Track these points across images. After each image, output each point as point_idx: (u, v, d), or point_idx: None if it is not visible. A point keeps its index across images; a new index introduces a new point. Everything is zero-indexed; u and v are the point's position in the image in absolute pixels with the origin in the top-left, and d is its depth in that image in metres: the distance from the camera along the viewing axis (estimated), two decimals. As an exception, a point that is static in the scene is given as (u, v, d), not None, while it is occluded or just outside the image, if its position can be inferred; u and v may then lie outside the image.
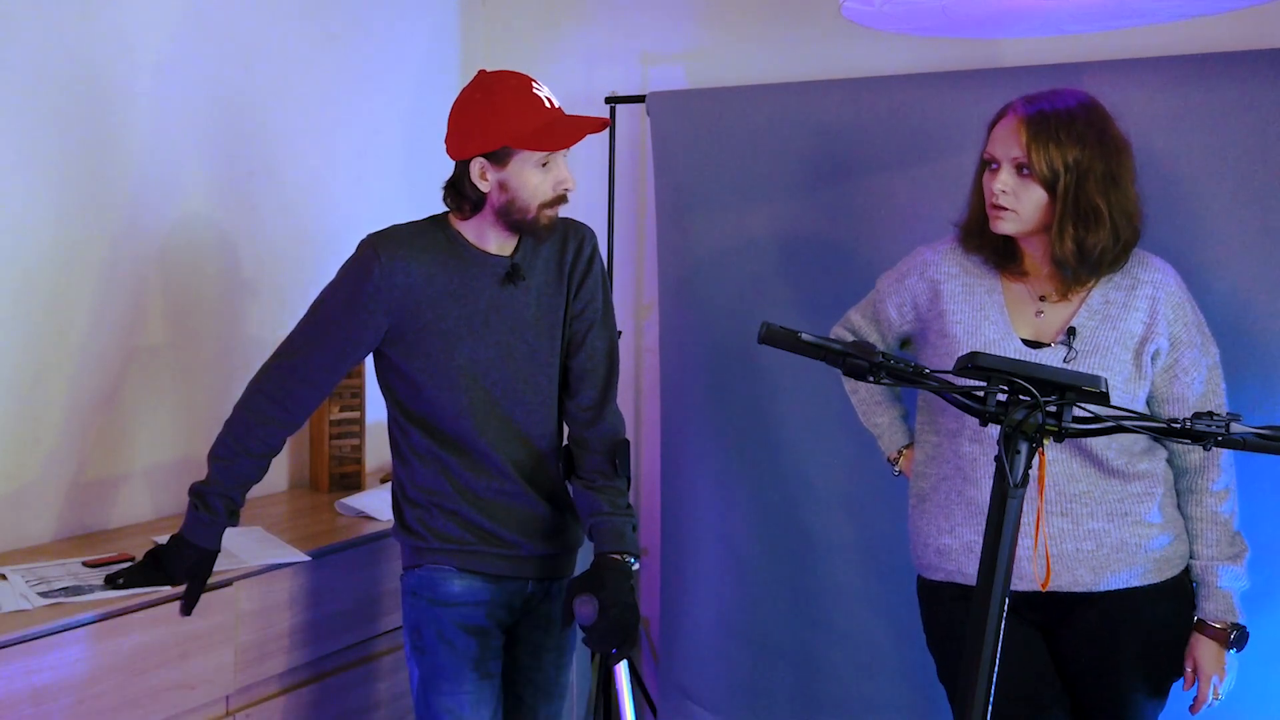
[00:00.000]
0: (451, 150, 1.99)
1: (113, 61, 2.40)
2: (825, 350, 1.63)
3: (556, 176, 1.95)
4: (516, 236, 2.02)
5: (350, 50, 3.00)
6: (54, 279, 2.32)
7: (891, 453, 2.26)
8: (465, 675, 2.00)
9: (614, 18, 3.18)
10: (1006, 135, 1.94)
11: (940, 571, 2.04)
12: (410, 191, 3.23)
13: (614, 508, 2.04)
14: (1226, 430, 1.51)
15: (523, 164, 1.92)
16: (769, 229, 2.84)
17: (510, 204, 1.94)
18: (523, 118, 1.91)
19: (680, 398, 3.00)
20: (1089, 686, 1.98)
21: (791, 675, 2.86)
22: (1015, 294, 2.02)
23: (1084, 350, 1.93)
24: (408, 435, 2.04)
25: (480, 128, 1.92)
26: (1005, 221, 1.95)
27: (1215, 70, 2.35)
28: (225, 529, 2.03)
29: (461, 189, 1.98)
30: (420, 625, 2.03)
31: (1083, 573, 1.93)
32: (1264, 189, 2.31)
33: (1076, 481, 1.93)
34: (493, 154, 1.92)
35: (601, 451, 2.08)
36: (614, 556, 1.97)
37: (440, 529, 2.03)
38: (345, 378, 2.81)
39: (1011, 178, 1.92)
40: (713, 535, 2.93)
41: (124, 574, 2.03)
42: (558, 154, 1.94)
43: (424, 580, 2.04)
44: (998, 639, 1.52)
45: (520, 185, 1.93)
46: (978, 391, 1.55)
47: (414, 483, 2.05)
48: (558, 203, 1.97)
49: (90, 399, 2.40)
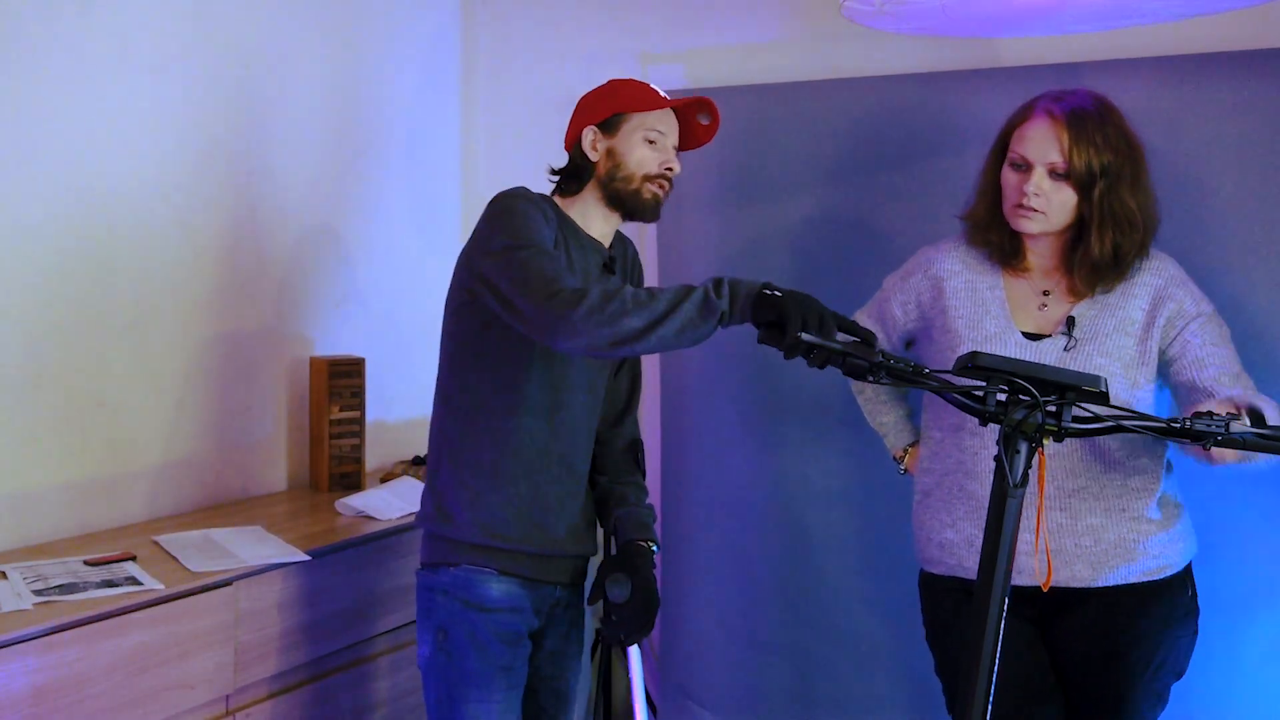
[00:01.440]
0: (567, 135, 2.07)
1: (112, 61, 2.40)
2: (825, 350, 1.64)
3: (663, 156, 2.00)
4: (617, 217, 2.04)
5: (350, 50, 3.00)
6: (54, 278, 2.32)
7: (897, 451, 2.27)
8: (496, 684, 1.94)
9: (614, 18, 3.18)
10: (1043, 138, 1.92)
11: (941, 565, 2.06)
12: (410, 191, 3.23)
13: (638, 500, 2.11)
14: (1226, 430, 1.51)
15: (631, 133, 1.99)
16: (769, 228, 2.84)
17: (615, 170, 1.99)
18: (634, 90, 2.02)
19: (679, 397, 3.00)
20: (1084, 682, 1.98)
21: (791, 674, 2.86)
22: (1018, 290, 2.03)
23: (1084, 338, 1.94)
24: (480, 399, 1.96)
25: (594, 102, 2.04)
26: (1032, 222, 1.95)
27: (1215, 70, 2.35)
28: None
29: (571, 167, 2.04)
30: (449, 627, 1.96)
31: (1081, 568, 1.94)
32: (1264, 189, 2.32)
33: (1076, 476, 1.94)
34: (604, 122, 2.00)
35: (624, 449, 2.15)
36: (640, 543, 2.02)
37: (486, 520, 1.95)
38: (345, 378, 2.83)
39: (1045, 180, 1.93)
40: (712, 535, 2.93)
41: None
42: (666, 139, 2.00)
43: (460, 581, 1.96)
44: (998, 637, 1.52)
45: (626, 152, 1.98)
46: (977, 391, 1.55)
47: (471, 459, 1.96)
48: (661, 180, 2.00)
49: (90, 399, 2.40)
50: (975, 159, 2.13)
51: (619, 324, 1.67)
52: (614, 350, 1.71)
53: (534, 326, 1.75)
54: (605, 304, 1.68)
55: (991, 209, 2.03)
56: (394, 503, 2.64)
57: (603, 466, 2.14)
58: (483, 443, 1.97)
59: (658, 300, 1.69)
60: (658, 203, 2.01)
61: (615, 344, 1.69)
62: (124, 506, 2.48)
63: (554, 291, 1.72)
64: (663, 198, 2.02)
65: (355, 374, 2.85)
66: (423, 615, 2.01)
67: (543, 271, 1.76)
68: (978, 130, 2.52)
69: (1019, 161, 1.96)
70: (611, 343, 1.69)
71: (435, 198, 3.33)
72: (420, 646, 2.01)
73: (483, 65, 3.41)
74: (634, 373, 2.21)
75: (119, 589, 2.02)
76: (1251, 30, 2.36)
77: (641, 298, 1.69)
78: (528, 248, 1.80)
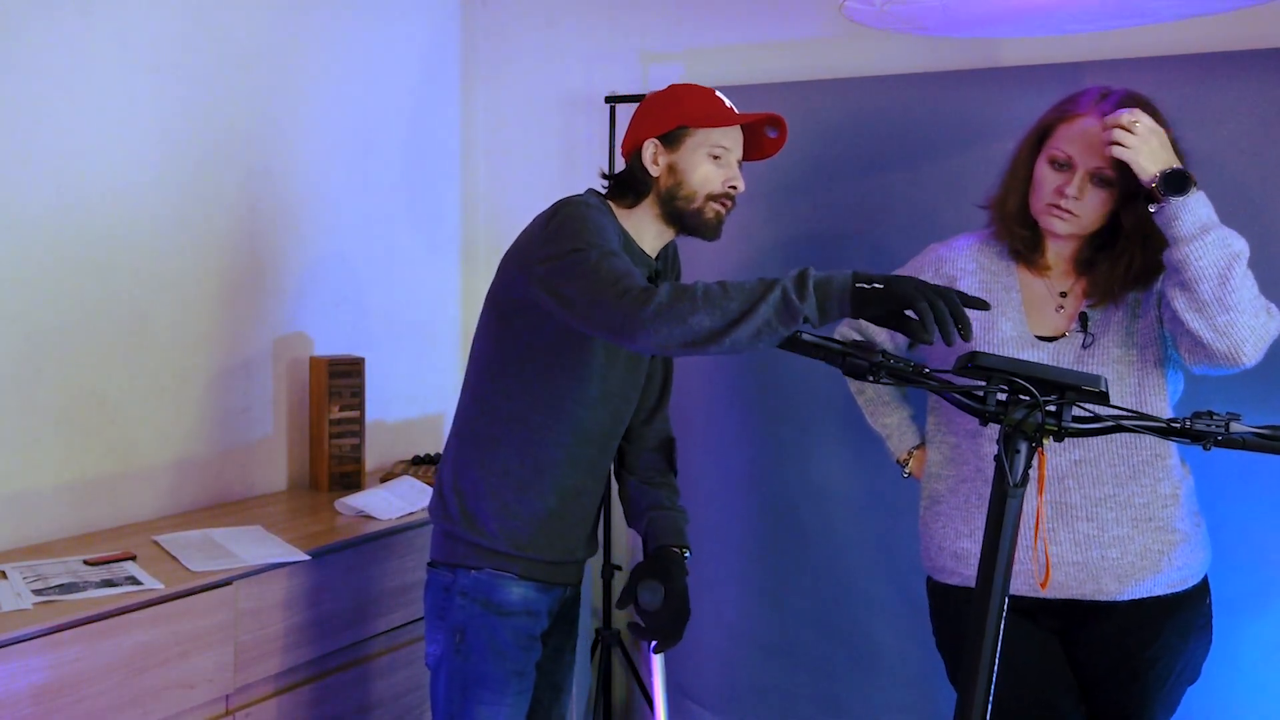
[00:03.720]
0: (625, 142, 1.97)
1: (112, 61, 2.40)
2: (825, 350, 1.63)
3: (728, 173, 1.91)
4: (672, 233, 1.97)
5: (350, 50, 3.00)
6: (54, 278, 2.32)
7: (901, 454, 2.19)
8: (509, 686, 1.93)
9: (614, 17, 3.18)
10: (1090, 141, 1.85)
11: (956, 575, 2.00)
12: (410, 191, 3.23)
13: (672, 503, 2.07)
14: (1226, 429, 1.51)
15: (695, 148, 1.90)
16: (769, 228, 2.84)
17: (677, 189, 1.91)
18: (700, 102, 1.91)
19: (680, 397, 2.99)
20: (1105, 693, 1.95)
21: (791, 675, 2.86)
22: (1034, 290, 1.97)
23: (1098, 332, 1.90)
24: (519, 408, 1.92)
25: (657, 112, 1.93)
26: (1066, 223, 1.89)
27: (1215, 70, 2.35)
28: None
29: (628, 178, 1.94)
30: (467, 628, 1.93)
31: (1107, 581, 1.89)
32: (1264, 189, 2.32)
33: (1103, 484, 1.89)
34: (666, 135, 1.91)
35: (656, 448, 2.11)
36: (674, 549, 1.99)
37: (512, 532, 1.92)
38: (345, 377, 2.84)
39: (1085, 183, 1.86)
40: (713, 535, 2.93)
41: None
42: (731, 154, 1.92)
43: (483, 584, 1.93)
44: (997, 639, 1.52)
45: (690, 169, 1.90)
46: (978, 391, 1.55)
47: (502, 468, 1.92)
48: (725, 199, 1.92)
49: (90, 399, 2.40)
50: (975, 159, 2.14)
51: (689, 322, 1.59)
52: (686, 351, 1.63)
53: (604, 326, 1.68)
54: (675, 302, 1.61)
55: (1020, 200, 1.95)
56: (394, 502, 2.64)
57: (633, 465, 2.11)
58: (517, 452, 1.92)
59: (731, 298, 1.59)
60: (719, 222, 1.93)
61: (687, 344, 1.61)
62: (124, 506, 2.48)
63: (624, 290, 1.66)
64: (724, 216, 1.94)
65: (355, 374, 2.85)
66: (435, 614, 1.97)
67: (613, 271, 1.70)
68: (978, 130, 2.53)
69: (1062, 160, 1.88)
70: (683, 343, 1.61)
71: (435, 198, 3.33)
72: (430, 644, 1.99)
73: (483, 65, 3.41)
74: (666, 368, 2.16)
75: (119, 589, 2.02)
76: (1251, 30, 2.36)
77: (714, 294, 1.60)
78: (596, 249, 1.74)
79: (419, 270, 3.25)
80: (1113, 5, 2.07)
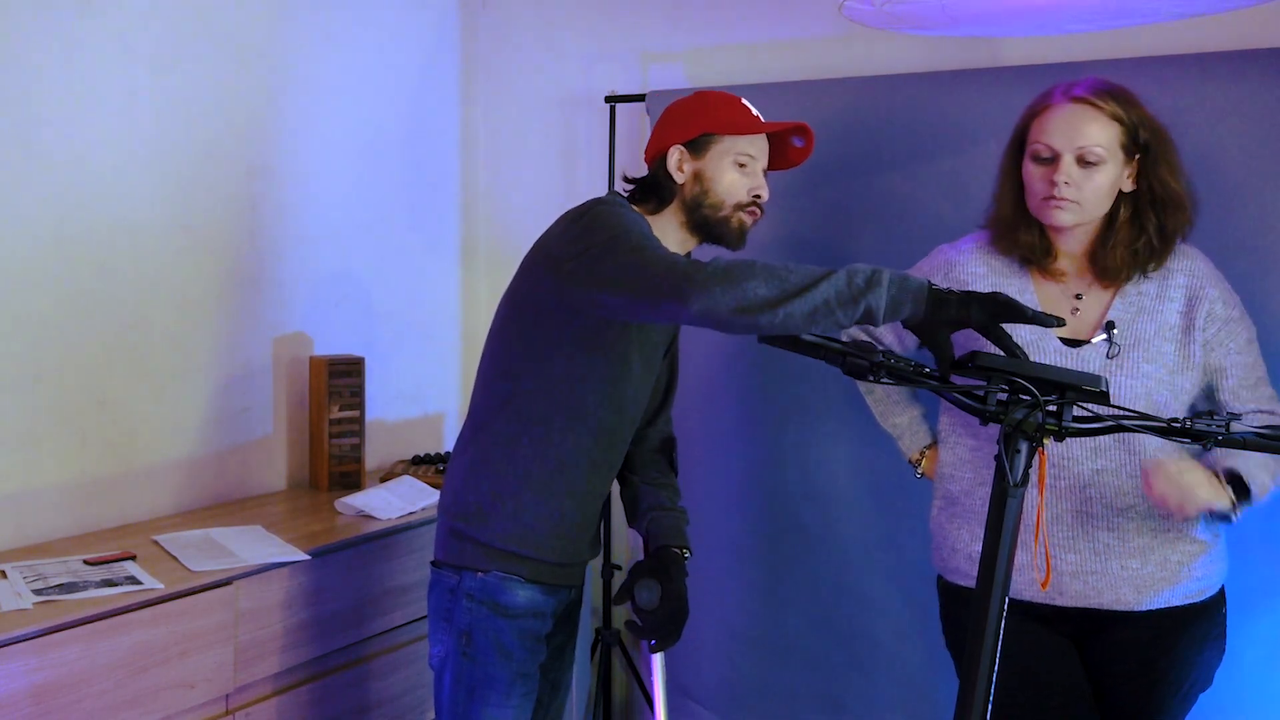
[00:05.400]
0: (650, 148, 1.96)
1: (112, 60, 2.40)
2: (825, 350, 1.63)
3: (754, 182, 1.91)
4: (695, 241, 1.96)
5: (350, 50, 3.00)
6: (54, 278, 2.32)
7: (913, 454, 2.17)
8: (516, 688, 1.93)
9: (614, 18, 3.18)
10: (1068, 123, 1.84)
11: (970, 578, 1.96)
12: (410, 191, 3.23)
13: (673, 504, 2.08)
14: (1227, 430, 1.51)
15: (721, 156, 1.90)
16: (770, 228, 2.83)
17: (703, 196, 1.91)
18: (727, 110, 1.91)
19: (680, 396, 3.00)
20: (1119, 699, 1.93)
21: (791, 674, 2.86)
22: (1049, 293, 1.94)
23: (1125, 344, 1.86)
24: (543, 409, 1.90)
25: (683, 118, 1.93)
26: (1067, 213, 1.85)
27: (1215, 70, 2.35)
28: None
29: (652, 182, 1.94)
30: (474, 631, 1.92)
31: (1126, 592, 1.87)
32: (1264, 189, 2.32)
33: (1124, 495, 1.86)
34: (692, 142, 1.90)
35: (658, 448, 2.12)
36: (674, 550, 2.00)
37: (522, 533, 1.91)
38: (345, 377, 2.84)
39: (1074, 169, 1.84)
40: (712, 535, 2.93)
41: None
42: (757, 163, 1.92)
43: (491, 587, 1.92)
44: (998, 638, 1.52)
45: (716, 177, 1.90)
46: (978, 391, 1.55)
47: (522, 469, 1.91)
48: (751, 209, 1.92)
49: (90, 399, 2.40)
50: (975, 159, 2.13)
51: (744, 287, 1.57)
52: (737, 317, 1.58)
53: (652, 292, 1.63)
54: (732, 267, 1.59)
55: (1017, 208, 1.93)
56: (394, 502, 2.64)
57: (634, 464, 2.11)
58: (537, 453, 1.91)
59: (792, 272, 1.58)
60: (745, 231, 1.93)
61: (739, 310, 1.57)
62: (124, 506, 2.48)
63: (672, 260, 1.64)
64: (750, 226, 1.93)
65: (355, 374, 2.85)
66: (440, 616, 1.96)
67: (657, 250, 1.69)
68: (978, 130, 2.53)
69: (1044, 153, 1.87)
70: (735, 308, 1.57)
71: (435, 198, 3.33)
72: (434, 646, 1.98)
73: (483, 65, 3.41)
74: (672, 367, 2.15)
75: (119, 588, 2.02)
76: (1251, 30, 2.36)
77: (774, 267, 1.59)
78: (636, 234, 1.73)
79: (419, 270, 3.25)
80: (1113, 5, 2.07)
